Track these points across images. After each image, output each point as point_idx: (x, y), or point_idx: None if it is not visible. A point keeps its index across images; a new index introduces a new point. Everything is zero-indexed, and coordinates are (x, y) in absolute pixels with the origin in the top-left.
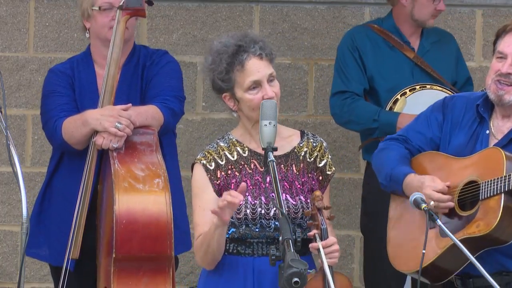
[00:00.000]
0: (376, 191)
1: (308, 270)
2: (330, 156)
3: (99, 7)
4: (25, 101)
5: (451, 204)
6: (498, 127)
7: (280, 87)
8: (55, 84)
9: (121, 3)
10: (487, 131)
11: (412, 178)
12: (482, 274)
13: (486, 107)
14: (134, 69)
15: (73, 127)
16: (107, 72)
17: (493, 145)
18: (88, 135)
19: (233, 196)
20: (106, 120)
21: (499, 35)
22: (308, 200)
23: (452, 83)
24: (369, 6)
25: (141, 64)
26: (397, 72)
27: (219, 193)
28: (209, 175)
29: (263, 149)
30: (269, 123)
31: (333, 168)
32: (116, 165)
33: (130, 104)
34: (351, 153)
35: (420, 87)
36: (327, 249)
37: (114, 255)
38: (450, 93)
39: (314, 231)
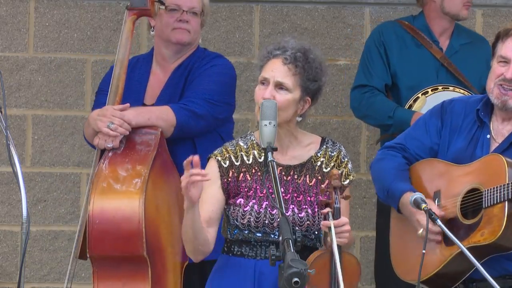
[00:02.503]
0: None
1: (309, 270)
2: (350, 164)
3: (166, 7)
4: (25, 101)
5: (439, 238)
6: (498, 130)
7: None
8: (105, 82)
9: (128, 3)
10: (488, 136)
11: (408, 198)
12: (487, 279)
13: (486, 111)
14: (183, 70)
15: (86, 127)
16: (113, 72)
17: (494, 149)
18: (94, 134)
19: (195, 174)
20: (100, 121)
21: (499, 37)
22: (316, 214)
23: (481, 88)
24: (369, 6)
25: (190, 65)
26: (421, 71)
27: (226, 190)
28: (221, 172)
29: (263, 149)
30: (269, 123)
31: (351, 177)
32: (102, 164)
33: (127, 104)
34: (351, 153)
35: (442, 88)
36: (338, 229)
37: (88, 255)
38: None
39: (327, 209)
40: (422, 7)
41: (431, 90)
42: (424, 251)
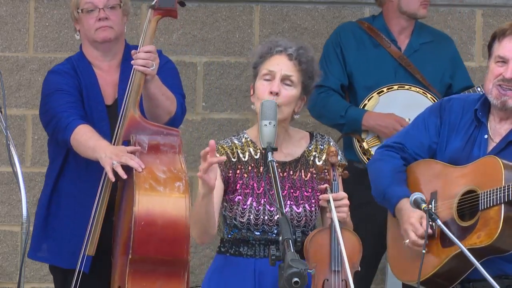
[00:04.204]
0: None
1: (308, 270)
2: (340, 155)
3: (82, 10)
4: (25, 101)
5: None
6: (496, 129)
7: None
8: (60, 83)
9: (153, 3)
10: (485, 135)
11: (403, 205)
12: (486, 279)
13: (484, 111)
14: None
15: (83, 147)
16: (133, 72)
17: (491, 149)
18: (94, 159)
19: (213, 156)
20: (108, 158)
21: (495, 37)
22: (313, 209)
23: (442, 87)
24: (369, 6)
25: None
26: (378, 71)
27: (226, 182)
28: (221, 167)
29: (263, 149)
30: (269, 123)
31: (340, 168)
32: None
33: (138, 148)
34: None
35: (398, 87)
36: (337, 203)
37: (130, 256)
38: (430, 96)
39: (325, 185)
40: (381, 7)
41: (387, 89)
42: (424, 251)
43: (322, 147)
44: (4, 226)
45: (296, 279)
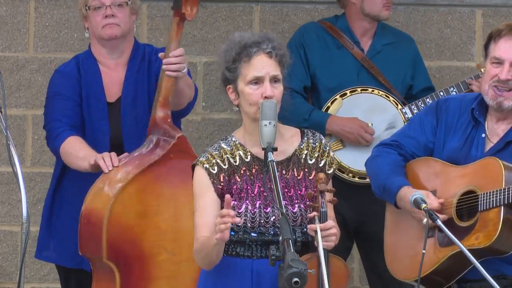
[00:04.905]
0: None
1: (309, 270)
2: (331, 152)
3: (89, 7)
4: (25, 101)
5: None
6: (493, 130)
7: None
8: (60, 86)
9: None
10: (483, 135)
11: (405, 192)
12: (486, 278)
13: (481, 111)
14: (140, 64)
15: (74, 157)
16: (161, 75)
17: (489, 149)
18: (82, 169)
19: (231, 217)
20: (92, 158)
21: (491, 38)
22: (307, 208)
23: (404, 88)
24: None
25: (146, 60)
26: (342, 72)
27: (221, 196)
28: (212, 179)
29: (263, 149)
30: (269, 123)
31: (334, 166)
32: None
33: (126, 154)
34: None
35: (361, 90)
36: (324, 232)
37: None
38: (393, 99)
39: (314, 213)
40: (344, 9)
41: (350, 92)
42: (424, 251)
43: (314, 144)
44: (4, 226)
45: (296, 279)
